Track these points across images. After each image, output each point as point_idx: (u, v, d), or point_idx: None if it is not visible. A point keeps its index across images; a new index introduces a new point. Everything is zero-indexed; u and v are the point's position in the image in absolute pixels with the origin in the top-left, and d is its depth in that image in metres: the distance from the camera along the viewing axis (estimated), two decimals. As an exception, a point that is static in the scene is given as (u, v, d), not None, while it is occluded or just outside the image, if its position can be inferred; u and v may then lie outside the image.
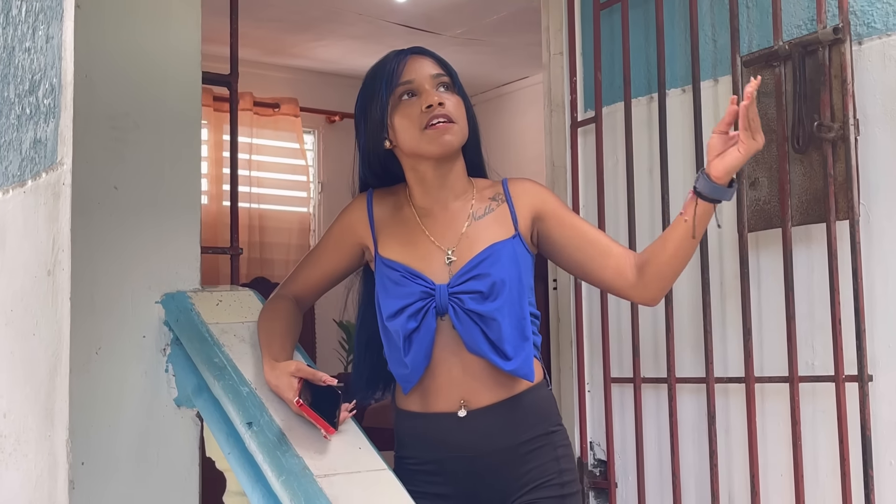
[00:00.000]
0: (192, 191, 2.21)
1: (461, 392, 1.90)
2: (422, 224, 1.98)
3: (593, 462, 3.11)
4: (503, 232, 1.95)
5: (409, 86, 1.93)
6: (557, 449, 1.94)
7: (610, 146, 3.11)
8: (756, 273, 2.70)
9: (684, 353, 2.86)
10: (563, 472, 1.93)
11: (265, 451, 1.77)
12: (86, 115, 2.07)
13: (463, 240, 1.94)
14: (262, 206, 6.69)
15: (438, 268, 1.93)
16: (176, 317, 2.09)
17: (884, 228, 2.46)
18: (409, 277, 1.91)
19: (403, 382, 1.93)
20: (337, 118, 7.05)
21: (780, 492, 2.63)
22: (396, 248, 1.97)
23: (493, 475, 1.91)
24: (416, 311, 1.88)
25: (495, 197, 2.00)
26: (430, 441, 1.93)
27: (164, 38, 2.18)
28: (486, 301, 1.86)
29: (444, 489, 1.92)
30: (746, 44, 2.75)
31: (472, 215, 1.97)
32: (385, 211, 2.03)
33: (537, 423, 1.93)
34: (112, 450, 2.04)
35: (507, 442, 1.90)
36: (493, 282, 1.87)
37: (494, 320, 1.86)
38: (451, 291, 1.88)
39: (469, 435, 1.89)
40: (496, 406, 1.90)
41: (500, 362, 1.87)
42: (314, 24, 5.95)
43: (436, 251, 1.95)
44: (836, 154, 2.46)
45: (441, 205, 1.99)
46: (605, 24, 3.14)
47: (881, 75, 2.48)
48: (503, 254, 1.91)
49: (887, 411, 2.44)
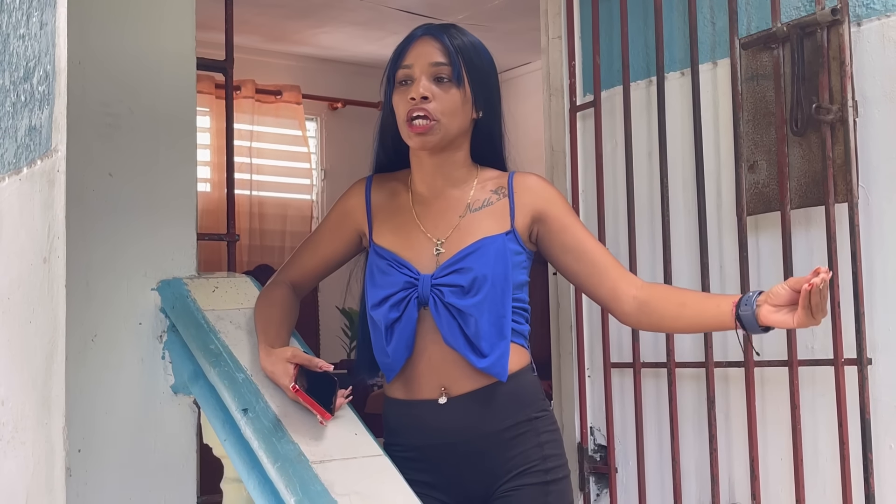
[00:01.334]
0: (188, 177, 2.20)
1: (441, 379, 1.90)
2: (415, 212, 1.97)
3: (593, 447, 3.11)
4: (497, 227, 1.93)
5: (408, 71, 1.90)
6: (541, 435, 1.93)
7: (609, 130, 3.10)
8: (755, 256, 2.69)
9: (684, 338, 2.85)
10: (548, 458, 1.92)
11: (261, 437, 1.76)
12: (79, 102, 2.06)
13: (455, 231, 1.93)
14: (263, 194, 6.69)
15: (426, 258, 1.92)
16: (172, 304, 2.09)
17: (883, 210, 2.45)
18: (395, 266, 1.91)
19: (386, 371, 1.94)
20: (339, 105, 7.04)
21: (779, 476, 2.63)
22: (388, 235, 1.97)
23: (475, 462, 1.91)
24: (399, 301, 1.89)
25: (497, 190, 1.97)
26: (413, 428, 1.94)
27: (158, 24, 2.17)
28: (465, 296, 1.86)
29: (429, 476, 1.91)
30: (745, 26, 2.73)
31: (469, 206, 1.96)
32: (382, 197, 2.02)
33: (519, 410, 1.92)
34: (108, 437, 2.04)
35: (488, 428, 1.90)
36: (475, 277, 1.86)
37: (472, 316, 1.85)
38: (433, 283, 1.88)
39: (450, 422, 1.90)
40: (476, 393, 1.89)
41: (474, 359, 1.87)
42: (316, 11, 5.94)
43: (425, 241, 1.94)
44: (834, 136, 2.45)
45: (437, 192, 1.97)
46: (604, 7, 3.13)
47: (880, 56, 2.46)
48: (490, 249, 1.89)
49: (887, 394, 2.44)
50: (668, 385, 2.80)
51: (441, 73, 1.89)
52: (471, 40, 1.95)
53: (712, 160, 2.82)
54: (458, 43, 1.92)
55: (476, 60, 1.93)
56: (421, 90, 1.87)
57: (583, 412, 3.12)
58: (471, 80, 1.92)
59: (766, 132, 2.62)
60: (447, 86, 1.89)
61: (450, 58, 1.90)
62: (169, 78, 2.18)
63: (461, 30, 1.97)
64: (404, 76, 1.91)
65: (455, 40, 1.92)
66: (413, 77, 1.90)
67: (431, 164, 1.96)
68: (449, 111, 1.89)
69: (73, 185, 2.04)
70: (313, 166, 7.01)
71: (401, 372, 1.93)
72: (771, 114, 2.60)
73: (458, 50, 1.91)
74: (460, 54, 1.91)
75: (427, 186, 1.98)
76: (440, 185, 1.97)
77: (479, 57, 1.95)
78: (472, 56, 1.93)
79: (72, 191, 2.04)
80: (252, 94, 6.63)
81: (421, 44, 1.92)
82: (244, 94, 6.57)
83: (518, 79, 6.97)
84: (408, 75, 1.90)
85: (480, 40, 1.99)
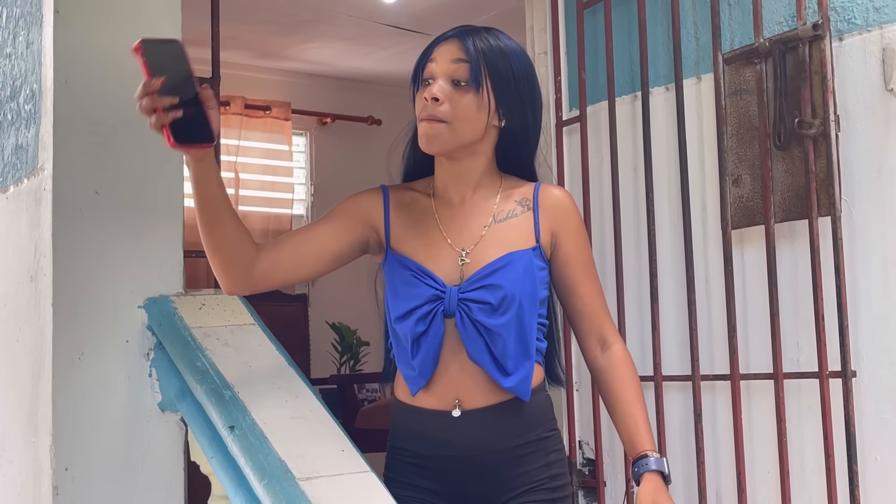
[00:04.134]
0: (175, 194, 2.21)
1: (456, 392, 1.85)
2: (438, 218, 1.91)
3: (582, 461, 3.12)
4: (523, 241, 1.88)
5: (431, 68, 1.84)
6: (549, 454, 1.90)
7: (595, 145, 3.11)
8: (740, 270, 2.71)
9: (671, 351, 2.87)
10: (554, 478, 1.90)
11: (247, 454, 1.77)
12: (66, 121, 2.08)
13: (481, 242, 1.88)
14: (248, 209, 6.68)
15: (450, 267, 1.86)
16: (159, 321, 2.09)
17: (866, 224, 2.47)
18: (419, 277, 1.84)
19: (411, 383, 1.88)
20: (329, 120, 7.05)
21: (766, 488, 2.64)
22: (409, 242, 1.89)
23: (482, 476, 1.88)
24: (426, 315, 1.82)
25: (522, 201, 1.91)
26: (422, 437, 1.89)
27: (144, 43, 2.18)
28: (494, 314, 1.81)
29: (434, 485, 1.88)
30: (728, 41, 2.76)
31: (495, 217, 1.90)
32: (401, 203, 1.94)
33: (531, 429, 1.89)
34: (96, 455, 2.04)
35: (499, 445, 1.86)
36: (505, 295, 1.81)
37: (500, 336, 1.81)
38: (460, 297, 1.82)
39: (461, 436, 1.85)
40: (490, 409, 1.85)
41: (500, 378, 1.82)
42: (304, 27, 5.95)
43: (449, 249, 1.88)
44: (817, 150, 2.47)
45: (458, 196, 1.91)
46: (589, 23, 3.15)
47: (862, 71, 2.48)
48: (519, 265, 1.84)
49: (871, 407, 2.45)
50: (656, 398, 2.80)
51: (460, 76, 1.82)
52: (501, 45, 1.86)
53: (697, 174, 2.83)
54: (483, 46, 1.83)
55: (502, 66, 1.84)
56: (435, 90, 1.81)
57: (571, 426, 3.13)
58: (493, 86, 1.84)
59: (749, 146, 2.64)
60: (464, 89, 1.82)
61: (470, 59, 1.82)
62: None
63: (496, 34, 1.88)
64: (427, 74, 1.85)
65: (482, 43, 1.84)
66: (434, 76, 1.83)
67: (450, 170, 1.90)
68: (461, 116, 1.82)
69: (59, 204, 2.05)
70: (303, 181, 7.01)
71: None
72: (754, 128, 2.62)
73: (482, 54, 1.83)
74: (483, 58, 1.83)
75: (447, 188, 1.92)
76: (461, 190, 1.91)
77: (508, 63, 1.85)
78: (498, 60, 1.84)
79: (58, 209, 2.05)
80: (241, 111, 6.63)
81: (447, 44, 1.85)
82: (233, 110, 6.58)
83: (506, 93, 6.98)
84: (430, 73, 1.84)
85: (522, 48, 1.91)
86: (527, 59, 1.91)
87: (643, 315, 2.91)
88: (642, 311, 2.91)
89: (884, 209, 2.44)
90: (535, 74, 1.92)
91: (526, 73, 1.89)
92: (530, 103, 1.90)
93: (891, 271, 2.43)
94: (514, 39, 1.92)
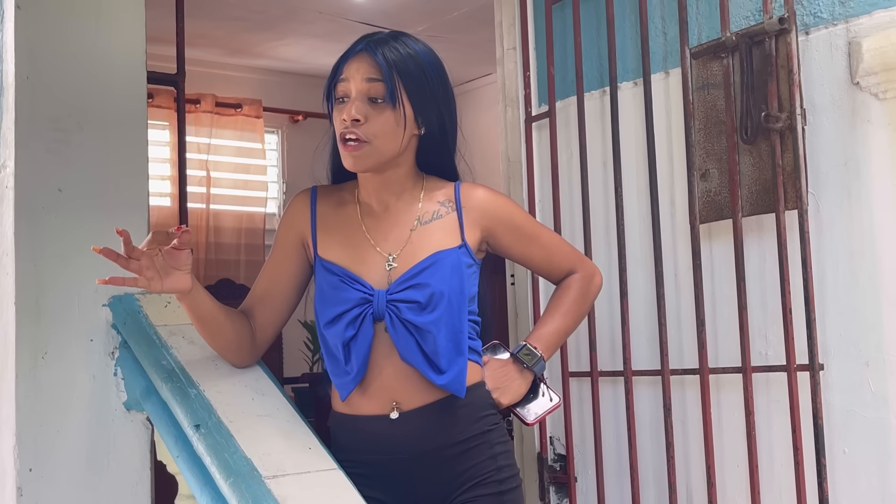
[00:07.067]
0: (140, 191, 2.19)
1: (393, 394, 1.87)
2: (363, 224, 1.95)
3: (553, 457, 3.12)
4: (449, 240, 1.92)
5: (344, 86, 1.85)
6: (494, 447, 1.93)
7: (564, 140, 3.12)
8: (709, 264, 2.71)
9: (640, 346, 2.87)
10: (501, 469, 1.92)
11: (213, 453, 1.76)
12: (28, 118, 2.06)
13: (407, 245, 1.91)
14: (219, 207, 6.65)
15: (377, 272, 1.90)
16: (124, 319, 2.08)
17: (833, 217, 2.48)
18: (347, 282, 1.87)
19: (341, 389, 1.89)
20: (300, 118, 7.03)
21: (736, 482, 2.65)
22: (336, 248, 1.93)
23: (428, 476, 1.89)
24: (354, 318, 1.85)
25: (445, 203, 1.96)
26: (363, 444, 1.90)
27: (107, 38, 2.16)
28: (423, 312, 1.84)
29: (382, 495, 1.89)
30: (696, 36, 2.76)
31: (420, 219, 1.94)
32: (328, 208, 1.98)
33: (471, 424, 1.91)
34: (60, 455, 2.02)
35: (441, 442, 1.88)
36: (433, 292, 1.84)
37: (430, 333, 1.83)
38: (388, 298, 1.85)
39: (401, 437, 1.87)
40: (428, 407, 1.87)
41: (433, 376, 1.85)
42: (275, 24, 5.93)
43: (376, 255, 1.91)
44: (784, 144, 2.48)
45: (382, 204, 1.96)
46: (557, 18, 3.15)
47: (828, 65, 2.49)
48: (446, 263, 1.88)
49: (839, 400, 2.46)
50: (626, 393, 2.81)
51: (375, 94, 1.84)
52: (411, 52, 1.87)
53: (665, 169, 2.84)
54: (394, 57, 1.84)
55: (416, 74, 1.86)
56: (353, 112, 1.82)
57: (542, 422, 3.12)
58: (410, 97, 1.86)
59: (717, 140, 2.64)
60: (381, 107, 1.84)
61: (384, 77, 1.83)
62: (119, 92, 2.17)
63: (404, 40, 1.90)
64: (342, 92, 1.86)
65: (392, 54, 1.85)
66: (349, 94, 1.85)
67: (374, 181, 1.94)
68: (381, 133, 1.84)
69: (22, 201, 2.04)
70: (275, 179, 6.98)
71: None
72: (722, 122, 2.62)
73: (394, 67, 1.84)
74: (396, 72, 1.83)
75: (373, 197, 1.96)
76: (385, 198, 1.96)
77: (421, 70, 1.87)
78: (412, 70, 1.86)
79: (21, 207, 2.03)
80: (212, 108, 6.60)
81: (357, 59, 1.86)
82: (203, 108, 6.55)
83: (478, 90, 6.99)
84: (345, 92, 1.86)
85: (429, 48, 1.93)
86: (436, 60, 1.94)
87: (613, 310, 2.91)
88: (612, 305, 2.91)
89: (850, 202, 2.46)
90: (446, 71, 1.95)
91: (438, 75, 1.92)
92: (446, 105, 1.94)
93: (858, 264, 2.44)
94: (422, 41, 1.94)
